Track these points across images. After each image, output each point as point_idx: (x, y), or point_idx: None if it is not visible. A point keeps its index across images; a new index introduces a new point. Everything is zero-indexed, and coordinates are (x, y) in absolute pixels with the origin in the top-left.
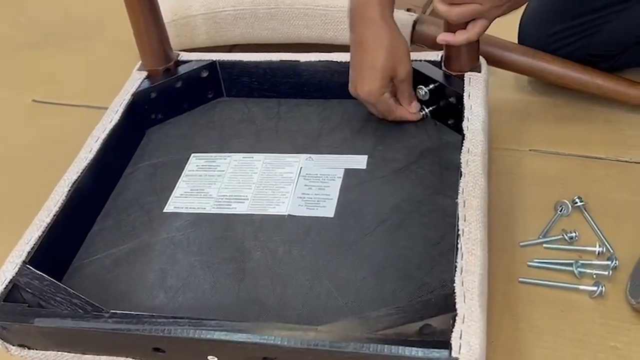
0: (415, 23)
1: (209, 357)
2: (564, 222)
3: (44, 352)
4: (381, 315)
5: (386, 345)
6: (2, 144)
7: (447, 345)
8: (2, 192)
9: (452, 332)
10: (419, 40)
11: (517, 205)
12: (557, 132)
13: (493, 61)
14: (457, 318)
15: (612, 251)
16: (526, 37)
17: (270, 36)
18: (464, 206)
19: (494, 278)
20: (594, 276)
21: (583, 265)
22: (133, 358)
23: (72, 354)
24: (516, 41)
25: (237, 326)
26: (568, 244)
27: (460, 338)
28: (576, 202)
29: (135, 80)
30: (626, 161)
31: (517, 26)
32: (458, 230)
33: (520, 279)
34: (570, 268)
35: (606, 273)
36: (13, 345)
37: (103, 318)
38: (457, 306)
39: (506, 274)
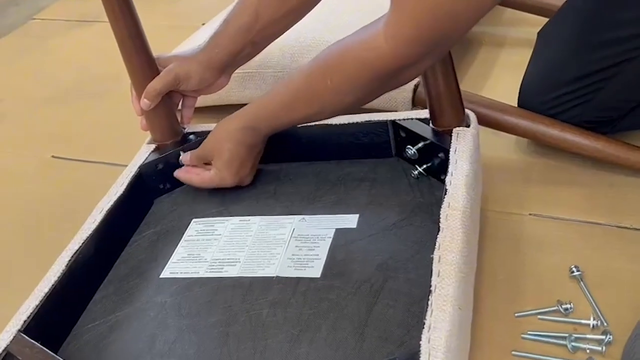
0: (416, 87)
1: None
2: (560, 292)
3: None
4: None
5: None
6: (21, 200)
7: None
8: (19, 247)
9: None
10: (420, 103)
11: (516, 271)
12: (558, 195)
13: (493, 124)
14: None
15: (606, 325)
16: (526, 102)
17: None
18: (439, 261)
19: (488, 349)
20: (587, 351)
21: (577, 340)
22: None
23: None
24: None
25: None
26: (563, 316)
27: None
28: (573, 272)
29: (143, 153)
30: (627, 227)
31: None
32: (430, 286)
33: (513, 352)
34: (564, 342)
35: (600, 348)
36: None
37: None
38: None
39: (500, 345)
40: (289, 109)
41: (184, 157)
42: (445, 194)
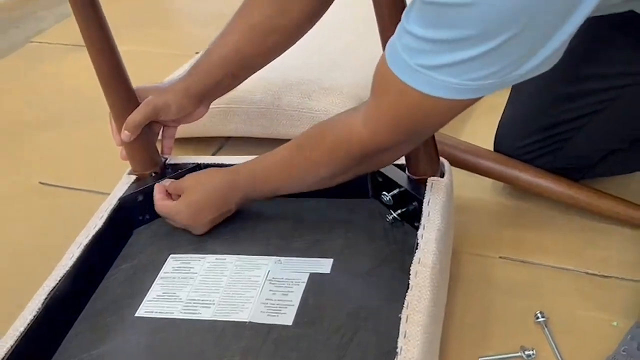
0: None
1: None
2: (525, 338)
3: None
4: None
5: None
6: (5, 226)
7: None
8: (7, 282)
9: None
10: None
11: (483, 315)
12: (528, 239)
13: (469, 167)
14: None
15: None
16: (501, 147)
17: (261, 132)
18: (406, 322)
19: None
20: None
21: None
22: None
23: None
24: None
25: None
26: None
27: None
28: (538, 317)
29: (123, 185)
30: (595, 274)
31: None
32: (395, 345)
33: None
34: None
35: None
36: None
37: None
38: None
39: None
40: (270, 177)
41: (165, 181)
42: (417, 248)
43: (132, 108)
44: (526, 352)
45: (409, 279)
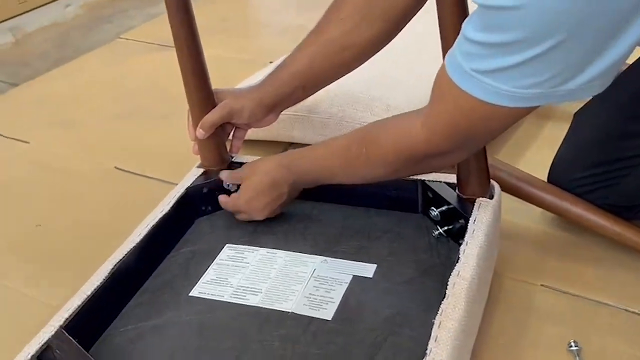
0: None
1: None
2: None
3: None
4: None
5: None
6: (82, 202)
7: None
8: (73, 247)
9: None
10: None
11: (517, 338)
12: (572, 271)
13: (521, 195)
14: None
15: None
16: (555, 178)
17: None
18: (439, 327)
19: None
20: None
21: None
22: None
23: None
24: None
25: None
26: None
27: None
28: (571, 346)
29: (191, 176)
30: (634, 312)
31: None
32: (426, 349)
33: None
34: None
35: None
36: None
37: None
38: None
39: None
40: (323, 164)
41: (222, 173)
42: (457, 261)
43: (209, 108)
44: None
45: (446, 289)
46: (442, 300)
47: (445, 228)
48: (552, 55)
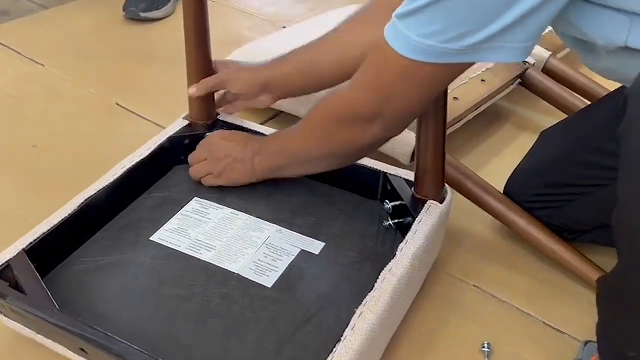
0: None
1: None
2: None
3: (12, 321)
4: None
5: None
6: (78, 131)
7: None
8: (65, 176)
9: None
10: None
11: (437, 330)
12: (506, 278)
13: (474, 200)
14: None
15: None
16: (509, 189)
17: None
18: (359, 316)
19: None
20: None
21: None
22: (69, 349)
23: (29, 330)
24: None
25: (134, 352)
26: None
27: None
28: (484, 346)
29: (176, 125)
30: (551, 326)
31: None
32: (341, 335)
33: None
34: None
35: None
36: None
37: (52, 313)
38: None
39: None
40: (280, 138)
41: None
42: (393, 257)
43: (205, 75)
44: None
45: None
46: (369, 292)
47: (396, 221)
48: (453, 1)
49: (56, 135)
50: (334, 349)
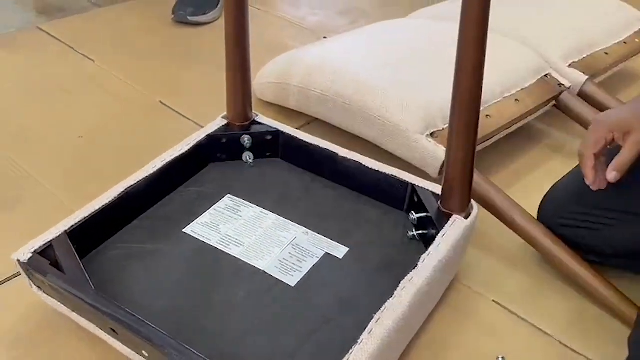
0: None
1: (143, 352)
2: None
3: (50, 298)
4: None
5: None
6: (124, 130)
7: None
8: (107, 167)
9: None
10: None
11: (451, 341)
12: (527, 296)
13: (498, 216)
14: None
15: None
16: (547, 205)
17: (342, 124)
18: (376, 322)
19: None
20: None
21: None
22: (100, 328)
23: (66, 308)
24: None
25: (161, 336)
26: None
27: None
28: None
29: (215, 124)
30: (570, 348)
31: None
32: (358, 338)
33: None
34: None
35: None
36: (34, 285)
37: (87, 293)
38: None
39: None
40: None
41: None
42: (414, 267)
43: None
44: None
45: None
46: (388, 299)
47: (420, 232)
48: None
49: (101, 128)
50: (351, 351)
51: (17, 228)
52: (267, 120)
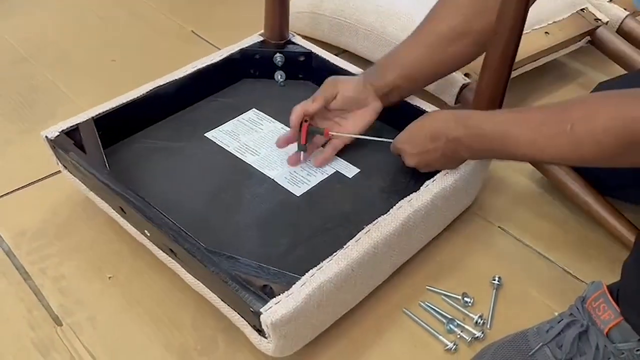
0: (463, 87)
1: (145, 231)
2: (473, 289)
3: (72, 177)
4: (248, 264)
5: (230, 280)
6: (156, 55)
7: (263, 303)
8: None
9: (274, 298)
10: (463, 102)
11: (454, 260)
12: (534, 225)
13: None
14: (285, 292)
15: (488, 328)
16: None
17: (365, 53)
18: (365, 232)
19: (387, 300)
20: (458, 336)
21: (458, 326)
22: (111, 207)
23: (84, 187)
24: None
25: (161, 218)
26: (461, 305)
27: (273, 305)
28: (494, 279)
29: (250, 40)
30: (570, 273)
31: None
32: (344, 244)
33: (404, 309)
34: (445, 321)
35: (468, 339)
36: (60, 163)
37: (101, 172)
38: (293, 286)
39: (398, 301)
40: (507, 130)
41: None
42: (416, 190)
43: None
44: (465, 298)
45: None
46: (383, 215)
47: None
48: None
49: (134, 54)
50: (335, 253)
51: None
52: (302, 41)
